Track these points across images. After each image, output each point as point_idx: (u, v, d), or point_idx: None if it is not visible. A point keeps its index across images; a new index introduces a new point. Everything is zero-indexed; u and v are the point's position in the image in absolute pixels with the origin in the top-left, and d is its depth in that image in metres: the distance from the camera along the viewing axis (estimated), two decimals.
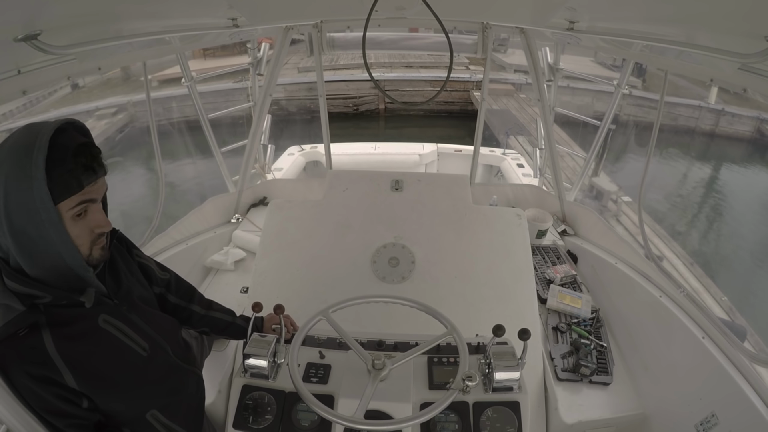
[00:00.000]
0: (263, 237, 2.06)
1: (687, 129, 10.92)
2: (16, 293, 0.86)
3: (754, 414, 1.38)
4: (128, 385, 1.03)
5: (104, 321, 0.98)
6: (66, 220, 0.85)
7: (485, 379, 1.28)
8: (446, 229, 2.03)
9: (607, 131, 2.57)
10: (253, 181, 3.15)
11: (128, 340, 1.02)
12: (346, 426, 1.01)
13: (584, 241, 2.67)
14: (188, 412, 1.22)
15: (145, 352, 1.06)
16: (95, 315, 0.97)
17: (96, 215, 0.91)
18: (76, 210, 0.86)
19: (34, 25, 0.94)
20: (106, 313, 0.99)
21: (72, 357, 0.90)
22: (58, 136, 0.84)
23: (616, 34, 1.59)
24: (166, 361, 1.13)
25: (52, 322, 0.89)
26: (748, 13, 0.94)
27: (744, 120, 10.68)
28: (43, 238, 0.83)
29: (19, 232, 0.82)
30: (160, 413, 1.09)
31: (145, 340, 1.07)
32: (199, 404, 1.29)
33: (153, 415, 1.08)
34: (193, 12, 1.54)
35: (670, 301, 1.90)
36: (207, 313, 1.43)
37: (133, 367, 1.04)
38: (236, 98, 9.61)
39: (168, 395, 1.13)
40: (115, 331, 1.00)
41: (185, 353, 1.25)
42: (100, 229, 0.92)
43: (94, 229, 0.91)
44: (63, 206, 0.84)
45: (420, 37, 2.92)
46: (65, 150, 0.84)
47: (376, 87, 10.41)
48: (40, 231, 0.83)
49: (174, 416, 1.13)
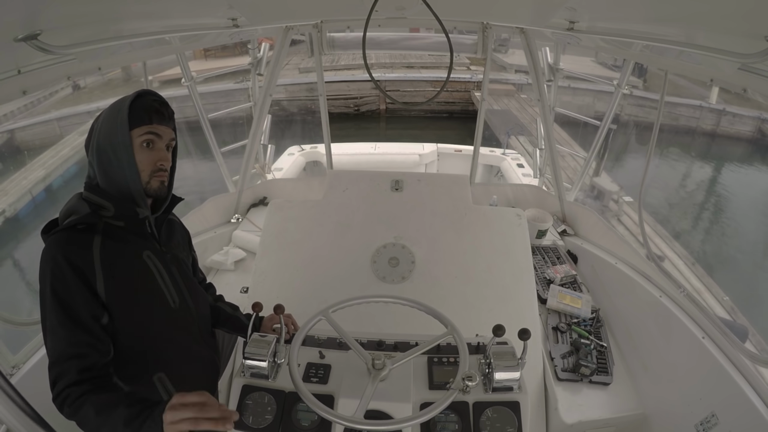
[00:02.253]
0: (263, 237, 2.06)
1: (688, 129, 10.90)
2: (89, 201, 1.06)
3: (754, 414, 1.38)
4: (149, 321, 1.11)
5: (147, 257, 1.12)
6: (135, 146, 1.05)
7: (485, 379, 1.28)
8: (446, 229, 2.03)
9: (607, 131, 2.56)
10: (253, 181, 3.15)
11: (162, 284, 1.14)
12: (346, 426, 1.01)
13: (584, 241, 2.67)
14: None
15: (174, 305, 1.15)
16: (141, 249, 1.11)
17: (160, 151, 1.10)
18: (144, 138, 1.06)
19: (34, 25, 0.95)
20: (151, 251, 1.12)
21: (110, 267, 1.03)
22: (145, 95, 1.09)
23: (616, 34, 1.59)
24: (188, 326, 1.20)
25: (106, 233, 1.05)
26: (748, 13, 0.94)
27: (745, 120, 10.65)
28: (117, 158, 1.04)
29: (101, 150, 1.05)
30: (168, 379, 1.13)
31: (177, 295, 1.17)
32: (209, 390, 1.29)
33: (160, 378, 1.12)
34: (193, 12, 1.54)
35: (671, 301, 1.90)
36: (215, 304, 1.47)
37: (159, 310, 1.13)
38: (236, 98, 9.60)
39: (179, 361, 1.17)
40: (154, 270, 1.12)
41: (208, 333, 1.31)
42: (161, 162, 1.10)
43: (156, 161, 1.09)
44: (134, 133, 1.05)
45: (420, 37, 2.92)
46: (145, 98, 1.09)
47: (376, 87, 10.41)
48: (116, 152, 1.04)
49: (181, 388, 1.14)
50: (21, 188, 7.93)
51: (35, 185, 8.08)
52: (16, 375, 1.46)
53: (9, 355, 1.48)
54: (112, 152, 1.04)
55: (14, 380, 1.43)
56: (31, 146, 9.46)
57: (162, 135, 1.10)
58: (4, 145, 9.58)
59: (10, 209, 7.50)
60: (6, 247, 6.90)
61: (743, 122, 10.68)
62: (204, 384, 1.27)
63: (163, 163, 1.11)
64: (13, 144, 9.66)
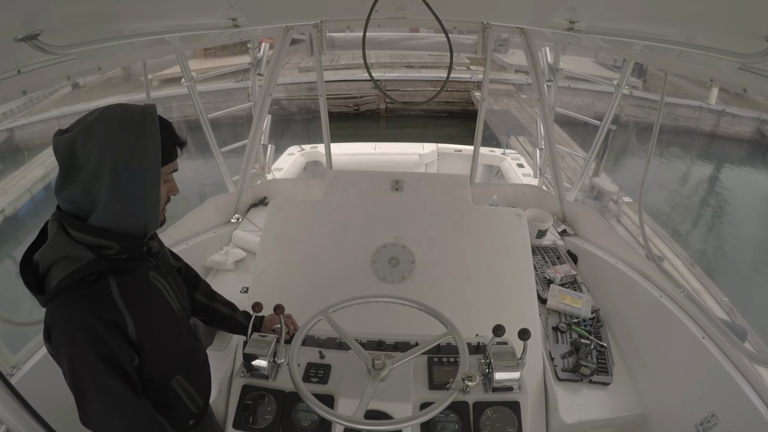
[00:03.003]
0: (263, 237, 2.06)
1: (688, 129, 10.90)
2: (86, 244, 0.94)
3: (754, 414, 1.38)
4: (168, 339, 1.11)
5: (153, 277, 1.08)
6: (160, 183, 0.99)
7: (485, 379, 1.28)
8: (446, 229, 2.03)
9: (607, 131, 2.57)
10: (253, 181, 3.15)
11: (170, 298, 1.12)
12: (346, 426, 1.02)
13: (584, 241, 2.67)
14: (201, 382, 1.25)
15: (180, 313, 1.16)
16: (146, 270, 1.07)
17: (174, 183, 1.07)
18: (168, 176, 1.03)
19: (34, 25, 0.94)
20: (153, 270, 1.09)
21: (133, 304, 0.98)
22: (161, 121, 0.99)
23: (616, 34, 1.59)
24: (188, 326, 1.22)
25: (115, 271, 0.98)
26: (747, 13, 0.94)
27: (744, 121, 10.65)
28: (139, 196, 0.96)
29: (122, 188, 0.93)
30: (184, 379, 1.15)
31: (179, 303, 1.17)
32: (208, 378, 1.32)
33: (178, 381, 1.13)
34: (193, 12, 1.54)
35: (670, 301, 1.90)
36: (209, 303, 1.46)
37: (173, 323, 1.13)
38: (236, 98, 9.59)
39: (191, 361, 1.20)
40: (162, 288, 1.10)
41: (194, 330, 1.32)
42: (172, 193, 1.08)
43: (169, 193, 1.07)
44: (163, 170, 0.99)
45: (420, 37, 2.92)
46: (167, 126, 1.00)
47: (376, 87, 10.40)
48: (140, 189, 0.95)
49: (196, 383, 1.19)
50: (20, 187, 7.93)
51: (35, 184, 8.08)
52: (16, 375, 1.46)
53: (9, 355, 1.48)
54: (134, 190, 0.94)
55: (14, 380, 1.43)
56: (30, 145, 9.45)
57: (177, 167, 1.06)
58: (3, 144, 9.58)
59: (9, 208, 7.51)
60: (6, 246, 6.90)
61: (743, 123, 10.68)
62: (204, 370, 1.29)
63: (174, 193, 1.08)
64: (13, 143, 9.66)
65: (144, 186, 0.95)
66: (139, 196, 0.96)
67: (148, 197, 0.97)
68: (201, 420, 1.23)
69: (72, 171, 0.92)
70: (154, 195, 0.98)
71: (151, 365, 1.05)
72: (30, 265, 0.96)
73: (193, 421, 1.20)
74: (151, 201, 0.98)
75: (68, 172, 0.93)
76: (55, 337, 0.93)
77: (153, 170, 0.95)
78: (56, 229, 0.95)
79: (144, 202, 0.97)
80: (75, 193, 0.94)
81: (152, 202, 0.98)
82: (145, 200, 0.97)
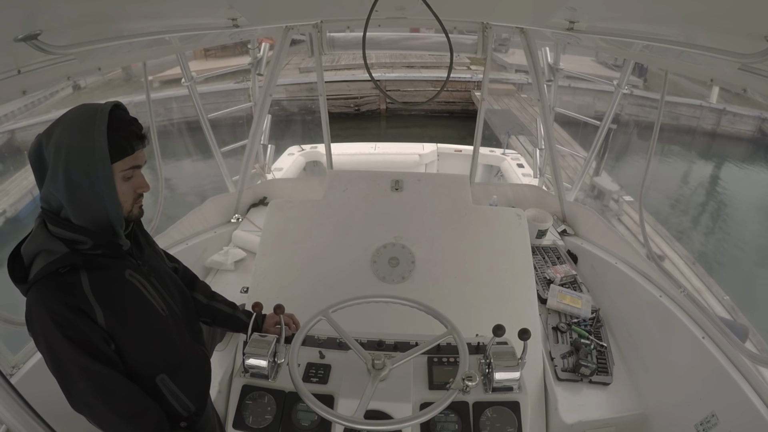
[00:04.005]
0: (263, 237, 2.06)
1: (688, 128, 10.89)
2: (61, 238, 0.99)
3: (754, 414, 1.38)
4: (148, 335, 1.12)
5: (129, 275, 1.10)
6: (117, 179, 1.00)
7: (485, 379, 1.28)
8: (446, 229, 2.03)
9: (607, 131, 2.56)
10: (253, 181, 3.15)
11: (150, 297, 1.14)
12: (346, 426, 1.01)
13: (584, 241, 2.67)
14: (195, 386, 1.26)
15: (164, 312, 1.17)
16: (122, 268, 1.09)
17: (140, 178, 1.07)
18: (126, 173, 1.02)
19: (34, 25, 0.95)
20: (131, 269, 1.11)
21: (103, 297, 1.02)
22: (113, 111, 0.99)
23: (616, 34, 1.59)
24: (178, 326, 1.22)
25: (88, 266, 1.02)
26: (747, 13, 0.94)
27: (746, 119, 10.63)
28: (95, 192, 0.98)
29: (75, 185, 0.96)
30: (169, 378, 1.16)
31: (163, 302, 1.18)
32: (205, 381, 1.33)
33: (162, 379, 1.14)
34: (193, 12, 1.54)
35: (671, 301, 1.90)
36: (209, 302, 1.46)
37: (152, 321, 1.14)
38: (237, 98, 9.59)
39: (177, 361, 1.20)
40: (139, 285, 1.12)
41: (196, 331, 1.33)
42: (141, 189, 1.07)
43: (137, 189, 1.06)
44: (116, 167, 0.99)
45: (420, 37, 2.91)
46: (120, 121, 1.00)
47: (376, 87, 10.40)
48: (94, 186, 0.97)
49: (182, 385, 1.19)
50: (22, 188, 7.92)
51: (35, 185, 8.08)
52: (16, 375, 1.46)
53: (9, 355, 1.48)
54: (90, 187, 0.97)
55: (14, 380, 1.44)
56: None
57: (141, 163, 1.06)
58: (4, 146, 9.58)
59: (10, 209, 7.50)
60: (7, 247, 6.90)
61: (744, 122, 10.67)
62: (199, 375, 1.30)
63: (144, 190, 1.08)
64: (14, 144, 9.65)
65: (97, 182, 0.97)
66: (96, 191, 0.98)
67: (104, 193, 0.99)
68: (194, 424, 1.24)
69: (41, 171, 0.98)
70: (110, 190, 0.99)
71: (130, 357, 1.08)
72: (20, 258, 1.03)
73: (184, 424, 1.21)
74: (108, 197, 0.99)
75: (38, 172, 0.99)
76: (31, 323, 0.99)
77: (102, 167, 0.96)
78: (38, 224, 1.03)
79: (101, 197, 0.99)
80: (46, 192, 1.00)
81: (109, 198, 1.00)
82: (102, 196, 0.99)
